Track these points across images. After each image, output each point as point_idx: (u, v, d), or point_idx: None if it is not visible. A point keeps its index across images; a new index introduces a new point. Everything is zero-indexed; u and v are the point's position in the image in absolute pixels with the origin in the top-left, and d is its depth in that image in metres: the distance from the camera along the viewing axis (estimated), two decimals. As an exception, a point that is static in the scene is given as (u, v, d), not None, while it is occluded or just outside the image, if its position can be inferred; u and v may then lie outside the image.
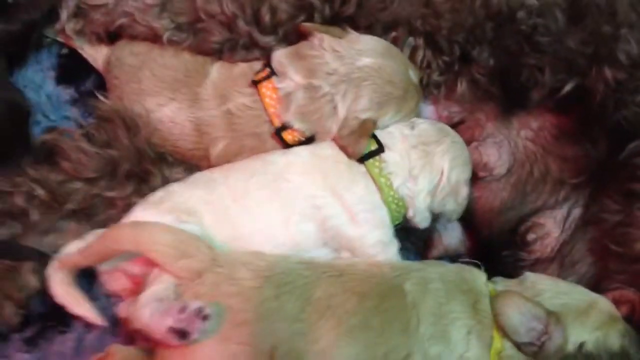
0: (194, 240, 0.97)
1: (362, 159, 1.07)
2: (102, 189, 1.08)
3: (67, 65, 1.32)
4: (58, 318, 1.05)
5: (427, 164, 1.08)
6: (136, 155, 1.11)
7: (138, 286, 0.97)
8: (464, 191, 1.11)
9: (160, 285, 0.94)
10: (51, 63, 1.32)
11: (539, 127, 1.20)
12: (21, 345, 1.04)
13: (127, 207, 1.06)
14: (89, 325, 1.04)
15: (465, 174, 1.12)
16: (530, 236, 1.17)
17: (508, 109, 1.21)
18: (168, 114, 1.14)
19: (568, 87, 1.14)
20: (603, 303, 1.04)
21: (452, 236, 1.24)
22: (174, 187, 1.06)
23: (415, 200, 1.08)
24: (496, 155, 1.21)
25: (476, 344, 0.98)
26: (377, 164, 1.08)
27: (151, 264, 0.96)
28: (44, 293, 1.03)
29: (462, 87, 1.23)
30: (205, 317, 0.88)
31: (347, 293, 0.97)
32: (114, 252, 0.97)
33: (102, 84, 1.25)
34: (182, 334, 0.88)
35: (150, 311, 0.90)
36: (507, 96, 1.20)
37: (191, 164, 1.16)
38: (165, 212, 1.01)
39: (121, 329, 1.01)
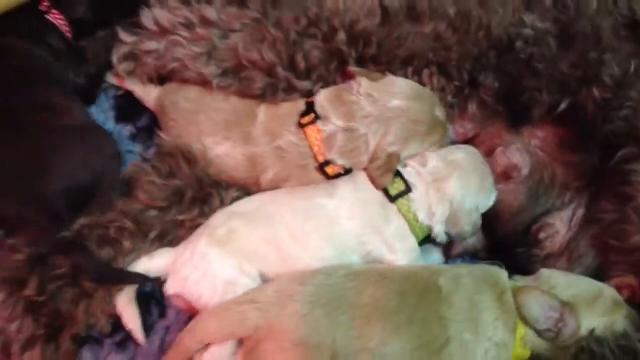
0: (237, 307, 1.10)
1: (394, 199, 1.24)
2: (173, 215, 1.25)
3: (123, 105, 1.49)
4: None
5: (441, 200, 1.23)
6: (197, 182, 1.28)
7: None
8: (475, 216, 1.24)
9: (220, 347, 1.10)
10: (110, 104, 1.49)
11: (544, 137, 1.34)
12: (113, 348, 1.22)
13: (194, 227, 1.24)
14: (169, 328, 1.23)
15: (476, 201, 1.25)
16: (542, 235, 1.30)
17: (514, 125, 1.37)
18: (224, 150, 1.30)
19: (563, 105, 1.27)
20: (608, 291, 1.18)
21: (472, 239, 1.40)
22: (235, 224, 1.20)
23: (435, 228, 1.25)
24: (521, 158, 1.33)
25: (503, 329, 1.12)
26: (405, 202, 1.24)
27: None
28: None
29: (472, 107, 1.37)
30: None
31: (390, 294, 1.11)
32: (185, 352, 1.11)
33: (155, 121, 1.41)
34: None
35: None
36: (512, 114, 1.35)
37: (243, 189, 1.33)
38: (230, 256, 1.17)
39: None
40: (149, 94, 1.42)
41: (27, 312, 1.14)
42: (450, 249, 1.37)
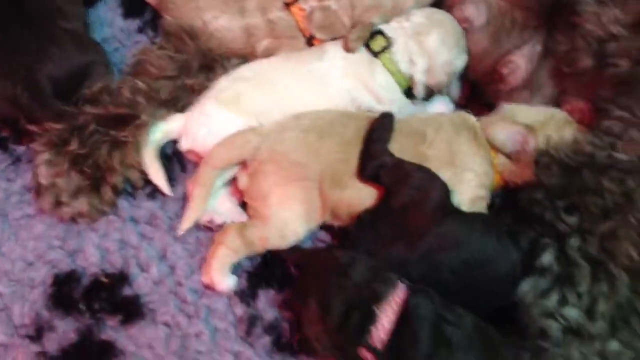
0: (242, 134, 1.30)
1: (377, 54, 1.42)
2: (182, 81, 1.44)
3: (129, 1, 1.68)
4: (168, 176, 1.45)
5: (420, 51, 1.41)
6: (202, 54, 1.47)
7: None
8: (449, 68, 1.42)
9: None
10: (117, 2, 1.67)
11: None
12: (145, 197, 1.44)
13: (203, 90, 1.43)
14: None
15: (450, 56, 1.42)
16: (505, 71, 1.45)
17: None
18: (222, 23, 1.46)
19: None
20: (560, 114, 1.36)
21: (454, 86, 1.56)
22: (240, 87, 1.39)
23: (415, 77, 1.43)
24: (475, 10, 1.47)
25: (481, 160, 1.32)
26: (387, 56, 1.42)
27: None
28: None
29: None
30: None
31: None
32: (204, 181, 1.32)
33: (157, 15, 1.59)
34: None
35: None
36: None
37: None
38: (235, 114, 1.36)
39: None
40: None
41: (72, 165, 1.35)
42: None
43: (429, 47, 1.42)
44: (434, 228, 1.18)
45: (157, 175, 1.41)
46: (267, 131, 1.32)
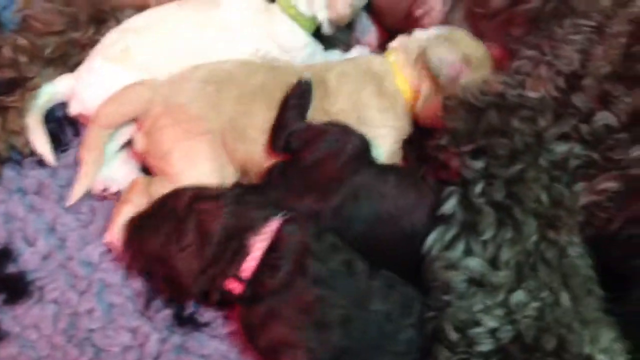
0: (131, 87, 1.20)
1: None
2: (70, 35, 1.32)
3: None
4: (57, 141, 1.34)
5: None
6: (91, 6, 1.34)
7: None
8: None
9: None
10: None
11: None
12: (34, 165, 1.32)
13: (93, 45, 1.31)
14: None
15: None
16: (419, 12, 1.37)
17: None
18: None
19: None
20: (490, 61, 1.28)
21: (371, 34, 1.48)
22: (130, 41, 1.27)
23: (318, 16, 1.33)
24: None
25: (392, 115, 1.25)
26: (283, 2, 1.32)
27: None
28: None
29: None
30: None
31: (279, 83, 1.21)
32: (94, 143, 1.22)
33: None
34: None
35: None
36: None
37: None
38: (125, 70, 1.25)
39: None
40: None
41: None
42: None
43: None
44: (347, 180, 1.11)
45: (41, 142, 1.29)
46: (161, 83, 1.21)
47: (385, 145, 1.23)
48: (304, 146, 1.15)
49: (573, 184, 1.00)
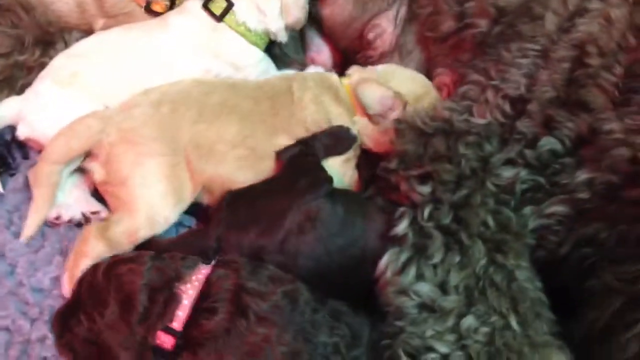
0: (80, 120, 1.18)
1: (220, 18, 1.31)
2: (15, 57, 1.31)
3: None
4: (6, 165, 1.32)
5: None
6: (38, 28, 1.34)
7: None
8: (301, 2, 1.34)
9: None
10: None
11: None
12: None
13: (40, 68, 1.30)
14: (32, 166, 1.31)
15: None
16: (371, 35, 1.40)
17: None
18: None
19: None
20: (434, 92, 1.31)
21: (323, 54, 1.51)
22: (79, 66, 1.26)
23: (271, 26, 1.34)
24: None
25: (348, 122, 1.28)
26: (232, 17, 1.32)
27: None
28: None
29: None
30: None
31: (242, 98, 1.22)
32: (46, 180, 1.19)
33: None
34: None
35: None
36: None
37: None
38: (75, 95, 1.24)
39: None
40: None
41: None
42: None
43: None
44: (292, 212, 1.11)
45: None
46: (110, 113, 1.20)
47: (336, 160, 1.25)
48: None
49: (521, 208, 1.02)
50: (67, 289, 1.13)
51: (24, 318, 1.17)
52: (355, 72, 1.32)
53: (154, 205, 1.14)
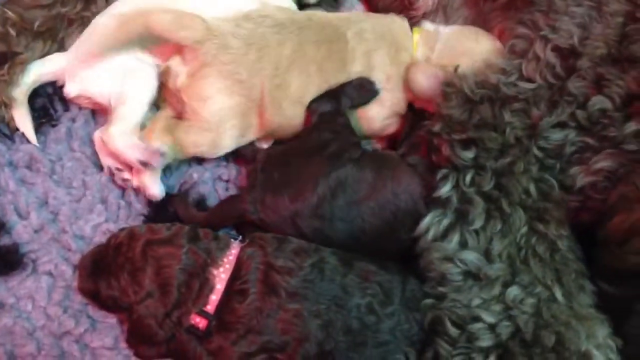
0: (191, 15, 1.19)
1: None
2: (58, 9, 1.30)
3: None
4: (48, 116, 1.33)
5: None
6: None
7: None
8: None
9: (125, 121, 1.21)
10: None
11: None
12: (24, 139, 1.31)
13: (81, 22, 1.31)
14: (74, 119, 1.32)
15: None
16: None
17: None
18: None
19: None
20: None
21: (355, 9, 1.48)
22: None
23: None
24: None
25: (393, 86, 1.27)
26: None
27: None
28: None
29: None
30: (162, 154, 1.18)
31: (306, 44, 1.23)
32: (129, 34, 1.20)
33: None
34: (145, 164, 1.18)
35: (122, 143, 1.19)
36: None
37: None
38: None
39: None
40: None
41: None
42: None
43: None
44: (324, 177, 1.12)
45: (24, 121, 1.28)
46: (213, 28, 1.19)
47: (381, 112, 1.26)
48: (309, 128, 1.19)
49: (568, 169, 1.01)
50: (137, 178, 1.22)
51: (66, 264, 1.21)
52: (420, 38, 1.30)
53: (222, 133, 1.19)
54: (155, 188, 1.22)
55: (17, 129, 1.30)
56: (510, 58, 1.10)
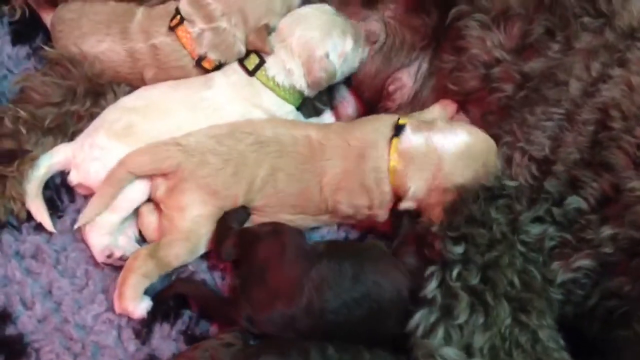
0: (166, 146, 1.29)
1: (252, 73, 1.40)
2: (67, 107, 1.38)
3: (18, 29, 1.60)
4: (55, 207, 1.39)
5: (291, 55, 1.39)
6: (87, 80, 1.41)
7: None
8: (325, 63, 1.39)
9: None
10: (4, 31, 1.59)
11: (394, 7, 1.49)
12: (31, 230, 1.37)
13: (90, 117, 1.39)
14: (78, 211, 1.38)
15: (324, 48, 1.38)
16: (392, 87, 1.47)
17: (369, 1, 1.51)
18: (106, 46, 1.42)
19: None
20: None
21: (349, 106, 1.57)
22: (132, 118, 1.34)
23: (297, 83, 1.41)
24: (377, 27, 1.49)
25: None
26: (262, 72, 1.40)
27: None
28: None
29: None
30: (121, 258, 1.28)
31: (279, 173, 1.31)
32: (120, 184, 1.29)
33: (48, 39, 1.53)
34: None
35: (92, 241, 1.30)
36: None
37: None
38: (129, 147, 1.31)
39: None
40: (46, 17, 1.55)
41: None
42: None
43: (295, 48, 1.39)
44: (305, 278, 1.18)
45: (40, 212, 1.35)
46: (191, 149, 1.29)
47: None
48: (243, 254, 1.26)
49: (550, 264, 1.08)
50: (117, 305, 1.24)
51: (68, 353, 1.26)
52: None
53: (200, 240, 1.28)
54: (135, 305, 1.25)
55: (24, 221, 1.36)
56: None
